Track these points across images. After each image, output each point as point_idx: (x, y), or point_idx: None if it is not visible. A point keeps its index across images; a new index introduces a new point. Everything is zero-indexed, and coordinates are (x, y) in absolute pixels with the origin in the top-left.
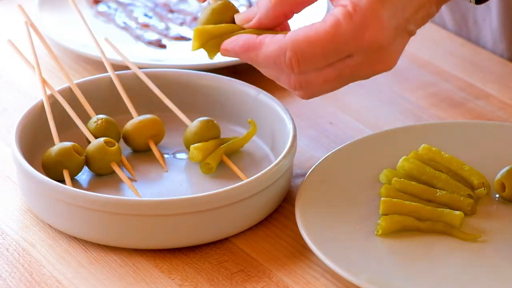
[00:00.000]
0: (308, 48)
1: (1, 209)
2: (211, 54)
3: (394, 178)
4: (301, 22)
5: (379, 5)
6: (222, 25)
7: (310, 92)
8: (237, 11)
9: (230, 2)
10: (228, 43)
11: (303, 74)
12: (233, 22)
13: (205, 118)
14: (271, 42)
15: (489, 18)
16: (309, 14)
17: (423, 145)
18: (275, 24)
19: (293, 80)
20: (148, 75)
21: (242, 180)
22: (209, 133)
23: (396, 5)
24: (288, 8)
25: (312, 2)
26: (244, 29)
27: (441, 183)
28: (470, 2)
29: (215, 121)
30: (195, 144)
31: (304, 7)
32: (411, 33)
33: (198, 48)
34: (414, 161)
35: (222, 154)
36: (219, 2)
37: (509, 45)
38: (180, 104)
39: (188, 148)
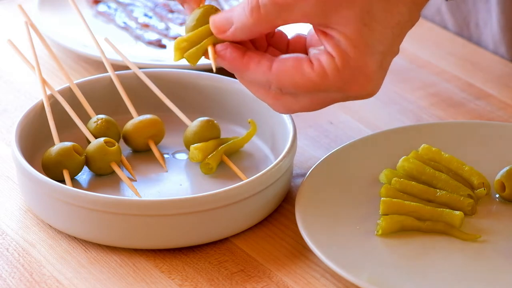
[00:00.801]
0: (293, 88)
1: (1, 209)
2: (193, 62)
3: (394, 178)
4: None
5: (368, 57)
6: (200, 30)
7: (286, 111)
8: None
9: (213, 6)
10: (217, 55)
11: (283, 99)
12: None
13: (205, 118)
14: (257, 70)
15: (490, 21)
16: None
17: (423, 145)
18: (251, 39)
19: (271, 99)
20: (148, 75)
21: (242, 180)
22: (209, 133)
23: (383, 43)
24: (267, 29)
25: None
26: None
27: (441, 183)
28: None
29: (215, 121)
30: (195, 144)
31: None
32: (396, 54)
33: (179, 59)
34: (414, 161)
35: (222, 154)
36: (202, 7)
37: (509, 49)
38: (180, 104)
39: (188, 148)
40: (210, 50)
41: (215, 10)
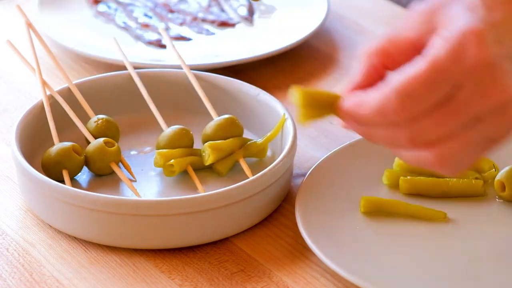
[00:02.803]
0: (410, 85)
1: (1, 209)
2: (224, 171)
3: (401, 178)
4: (300, 21)
5: (478, 26)
6: (231, 140)
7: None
8: (241, 127)
9: (235, 118)
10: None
11: (414, 122)
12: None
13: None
14: (373, 94)
15: None
16: (308, 14)
17: None
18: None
19: (406, 134)
20: (147, 75)
21: (243, 180)
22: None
23: (500, 30)
24: (380, 61)
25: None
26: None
27: None
28: None
29: (190, 131)
30: (161, 150)
31: (399, 64)
32: None
33: (213, 161)
34: None
35: (187, 164)
36: (225, 117)
37: None
38: (179, 104)
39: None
40: (242, 162)
41: (237, 122)
